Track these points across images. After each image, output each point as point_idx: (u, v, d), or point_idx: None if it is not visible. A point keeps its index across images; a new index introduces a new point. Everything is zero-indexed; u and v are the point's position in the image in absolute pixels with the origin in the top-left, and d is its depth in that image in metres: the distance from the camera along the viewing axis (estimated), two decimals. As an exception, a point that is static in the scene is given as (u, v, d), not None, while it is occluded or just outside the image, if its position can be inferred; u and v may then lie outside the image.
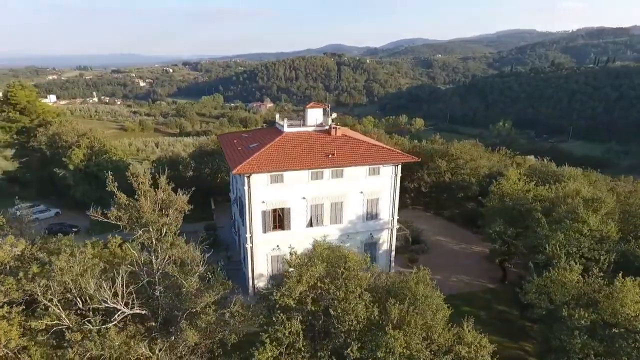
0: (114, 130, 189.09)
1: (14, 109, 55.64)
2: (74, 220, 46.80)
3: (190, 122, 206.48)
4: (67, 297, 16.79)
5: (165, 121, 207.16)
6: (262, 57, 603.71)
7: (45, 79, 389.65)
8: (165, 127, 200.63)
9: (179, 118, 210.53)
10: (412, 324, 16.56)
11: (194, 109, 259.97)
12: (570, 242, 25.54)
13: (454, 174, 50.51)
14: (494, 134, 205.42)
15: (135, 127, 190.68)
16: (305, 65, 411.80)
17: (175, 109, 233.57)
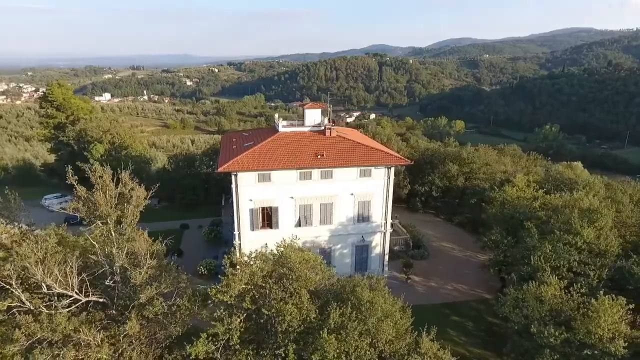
0: (157, 127, 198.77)
1: (51, 105, 60.05)
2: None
3: (228, 121, 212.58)
4: (31, 282, 18.00)
5: (206, 119, 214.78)
6: (306, 58, 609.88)
7: (102, 78, 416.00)
8: (205, 125, 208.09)
9: (219, 117, 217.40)
10: (349, 329, 16.30)
11: (235, 108, 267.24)
12: (558, 254, 23.98)
13: (468, 178, 48.79)
14: (539, 138, 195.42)
15: (177, 125, 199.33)
16: (346, 66, 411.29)
17: (215, 108, 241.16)
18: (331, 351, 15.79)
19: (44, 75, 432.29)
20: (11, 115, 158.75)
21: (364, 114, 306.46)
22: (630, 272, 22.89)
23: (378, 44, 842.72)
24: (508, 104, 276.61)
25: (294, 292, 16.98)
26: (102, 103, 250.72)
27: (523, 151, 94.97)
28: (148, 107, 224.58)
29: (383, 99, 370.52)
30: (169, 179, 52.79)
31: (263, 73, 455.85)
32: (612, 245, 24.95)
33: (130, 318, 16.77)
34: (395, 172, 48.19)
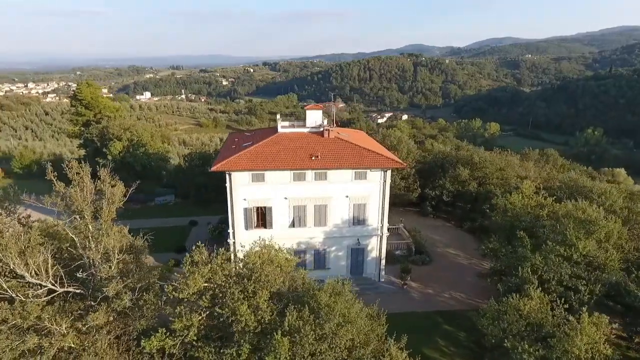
0: (190, 125, 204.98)
1: (80, 104, 63.31)
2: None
3: (259, 120, 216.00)
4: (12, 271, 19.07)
5: (237, 118, 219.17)
6: (341, 58, 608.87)
7: (143, 78, 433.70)
8: (236, 124, 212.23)
9: (250, 116, 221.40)
10: (304, 333, 16.23)
11: (267, 107, 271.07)
12: (549, 266, 22.79)
13: (481, 183, 47.18)
14: (580, 142, 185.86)
15: (209, 123, 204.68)
16: (380, 66, 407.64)
17: (247, 107, 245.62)
18: (283, 353, 15.78)
19: (90, 75, 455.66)
20: (57, 113, 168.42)
21: (396, 115, 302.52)
22: (627, 290, 21.40)
23: (415, 44, 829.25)
24: (549, 105, 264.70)
25: (253, 293, 17.09)
26: (140, 101, 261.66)
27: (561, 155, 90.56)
28: (183, 105, 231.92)
29: (417, 100, 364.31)
30: (183, 176, 54.45)
31: (297, 73, 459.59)
32: (612, 259, 23.42)
33: (97, 310, 17.46)
34: (404, 175, 47.71)
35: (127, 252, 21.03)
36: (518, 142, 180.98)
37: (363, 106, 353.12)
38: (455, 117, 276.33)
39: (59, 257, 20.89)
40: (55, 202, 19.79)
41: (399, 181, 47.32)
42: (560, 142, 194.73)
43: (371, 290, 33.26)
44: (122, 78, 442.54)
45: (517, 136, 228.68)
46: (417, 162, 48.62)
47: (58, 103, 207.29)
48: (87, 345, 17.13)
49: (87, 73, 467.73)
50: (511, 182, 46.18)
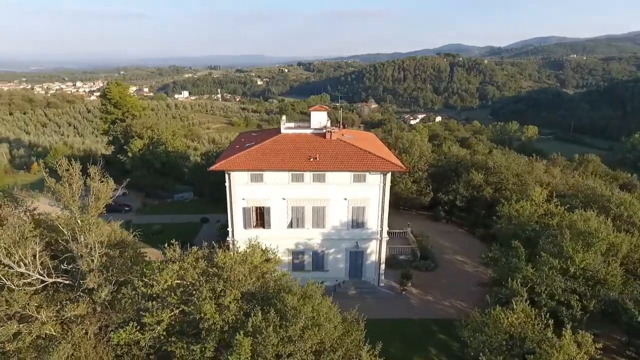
0: (223, 124, 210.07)
1: (109, 102, 66.42)
2: (133, 201, 54.30)
3: (289, 120, 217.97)
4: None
5: (268, 118, 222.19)
6: (376, 58, 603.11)
7: (182, 77, 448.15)
8: (267, 124, 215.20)
9: (281, 115, 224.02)
10: (266, 334, 16.31)
11: (299, 107, 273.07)
12: (541, 279, 21.72)
13: (497, 189, 45.49)
14: (626, 148, 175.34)
15: (241, 122, 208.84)
16: (415, 66, 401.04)
17: (278, 107, 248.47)
18: (243, 354, 15.95)
19: (133, 74, 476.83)
20: (97, 111, 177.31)
21: (429, 116, 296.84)
22: (624, 308, 20.03)
23: (453, 44, 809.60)
24: (594, 108, 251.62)
25: (223, 292, 17.37)
26: (177, 100, 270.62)
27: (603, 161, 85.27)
28: (217, 105, 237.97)
29: (452, 101, 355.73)
30: (200, 174, 55.89)
31: (331, 73, 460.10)
32: (613, 274, 22.00)
33: (77, 301, 18.31)
34: (416, 179, 46.81)
35: (117, 246, 21.88)
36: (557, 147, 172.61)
37: (396, 107, 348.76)
38: (491, 120, 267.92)
39: (54, 249, 22.09)
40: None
41: (410, 184, 46.48)
42: (604, 147, 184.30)
43: (369, 295, 32.95)
44: (163, 77, 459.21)
45: (557, 140, 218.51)
46: (429, 166, 47.51)
47: (100, 101, 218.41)
48: (65, 334, 17.97)
49: (130, 73, 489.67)
50: (529, 188, 44.25)
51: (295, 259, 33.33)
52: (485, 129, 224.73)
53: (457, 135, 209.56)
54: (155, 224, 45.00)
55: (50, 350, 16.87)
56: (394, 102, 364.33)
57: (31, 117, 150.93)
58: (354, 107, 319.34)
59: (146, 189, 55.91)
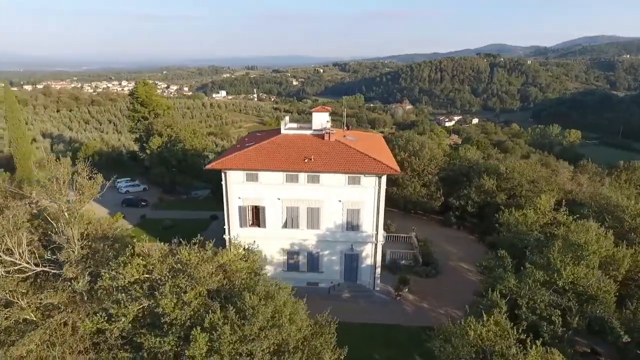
0: (255, 123, 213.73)
1: (136, 101, 69.34)
2: (151, 197, 56.45)
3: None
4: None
5: (299, 118, 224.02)
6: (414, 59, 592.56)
7: (221, 77, 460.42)
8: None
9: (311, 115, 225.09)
10: (221, 331, 16.58)
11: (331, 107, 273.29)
12: (524, 291, 20.71)
13: (511, 196, 43.69)
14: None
15: (272, 122, 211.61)
16: (453, 67, 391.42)
17: (310, 107, 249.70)
18: (197, 348, 16.30)
19: (175, 74, 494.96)
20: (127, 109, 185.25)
21: (465, 118, 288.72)
22: (610, 327, 18.74)
23: (495, 44, 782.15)
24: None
25: (184, 288, 17.80)
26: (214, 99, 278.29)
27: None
28: (250, 104, 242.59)
29: (491, 103, 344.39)
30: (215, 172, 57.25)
31: (366, 74, 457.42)
32: (606, 290, 20.63)
33: (57, 289, 19.37)
34: (426, 182, 45.78)
35: (102, 239, 22.90)
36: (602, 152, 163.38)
37: (431, 108, 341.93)
38: (532, 123, 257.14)
39: (47, 240, 23.41)
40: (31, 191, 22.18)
41: (420, 188, 45.52)
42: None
43: (363, 298, 32.61)
44: (202, 77, 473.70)
45: (603, 145, 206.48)
46: (440, 169, 46.28)
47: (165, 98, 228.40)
48: (44, 320, 19.05)
49: (172, 72, 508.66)
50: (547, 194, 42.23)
51: (290, 259, 33.51)
52: (524, 132, 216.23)
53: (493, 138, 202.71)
54: (166, 219, 46.56)
55: (28, 334, 17.92)
56: (429, 103, 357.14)
57: (75, 114, 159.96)
58: (388, 108, 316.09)
59: (164, 186, 57.93)
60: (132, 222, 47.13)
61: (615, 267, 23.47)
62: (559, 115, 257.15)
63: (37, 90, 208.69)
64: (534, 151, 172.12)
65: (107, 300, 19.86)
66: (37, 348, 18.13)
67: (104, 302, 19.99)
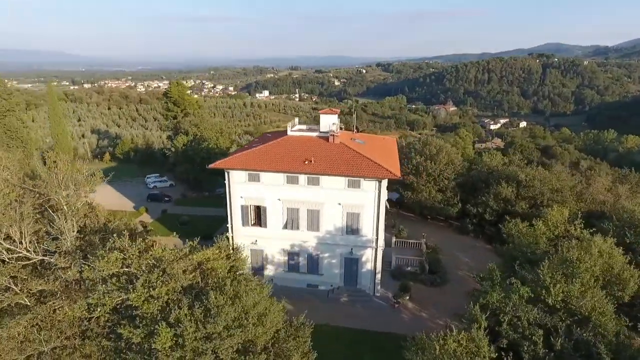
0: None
1: (170, 101, 72.47)
2: (177, 193, 58.77)
3: (358, 121, 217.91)
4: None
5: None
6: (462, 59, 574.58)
7: (265, 77, 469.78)
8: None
9: (349, 116, 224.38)
10: (183, 328, 17.06)
11: (371, 108, 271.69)
12: (508, 307, 19.63)
13: (534, 205, 41.40)
14: None
15: (309, 122, 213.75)
16: (502, 67, 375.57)
17: (349, 108, 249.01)
18: (160, 343, 16.89)
19: (221, 74, 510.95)
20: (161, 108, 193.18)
21: (512, 121, 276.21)
22: (597, 352, 17.33)
23: (551, 43, 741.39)
24: None
25: (156, 283, 18.47)
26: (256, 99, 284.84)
27: None
28: (290, 104, 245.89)
29: (542, 106, 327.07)
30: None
31: (410, 74, 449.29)
32: (600, 312, 19.12)
33: (49, 278, 20.75)
34: (441, 188, 44.43)
35: (99, 232, 24.20)
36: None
37: (477, 110, 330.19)
38: (585, 127, 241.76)
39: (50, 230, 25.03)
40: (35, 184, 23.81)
41: (435, 193, 44.20)
42: None
43: (361, 304, 32.22)
44: (247, 77, 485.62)
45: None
46: (458, 175, 44.63)
47: (197, 98, 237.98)
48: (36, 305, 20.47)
49: (219, 72, 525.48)
50: (570, 205, 39.68)
51: (290, 260, 33.73)
52: (576, 137, 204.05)
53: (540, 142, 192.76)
54: (184, 215, 48.29)
55: (16, 317, 19.34)
56: (474, 105, 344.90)
57: (124, 112, 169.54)
58: (430, 109, 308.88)
59: (190, 182, 60.10)
60: (153, 217, 49.33)
61: (621, 287, 21.71)
62: (617, 120, 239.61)
63: (91, 89, 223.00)
64: (585, 157, 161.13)
65: (90, 290, 21.02)
66: (25, 331, 19.48)
67: (92, 291, 21.17)
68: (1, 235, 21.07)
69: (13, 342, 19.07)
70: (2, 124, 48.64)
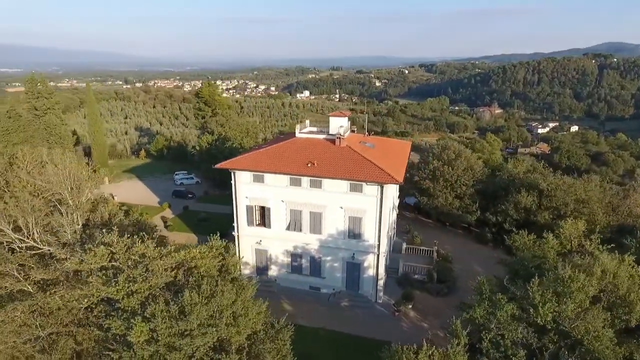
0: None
1: (201, 101, 74.90)
2: (201, 190, 60.63)
3: (396, 123, 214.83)
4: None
5: (374, 119, 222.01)
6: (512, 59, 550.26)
7: (306, 77, 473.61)
8: (372, 125, 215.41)
9: (387, 117, 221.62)
10: (155, 323, 17.65)
11: (411, 110, 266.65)
12: (492, 324, 18.66)
13: (558, 216, 38.99)
14: None
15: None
16: (553, 68, 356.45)
17: (387, 109, 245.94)
18: (134, 336, 17.57)
19: (264, 75, 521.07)
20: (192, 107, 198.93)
21: (563, 125, 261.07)
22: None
23: (612, 42, 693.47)
24: None
25: (136, 278, 19.21)
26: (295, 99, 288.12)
27: None
28: (328, 104, 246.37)
29: (596, 109, 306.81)
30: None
31: (454, 75, 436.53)
32: (595, 336, 17.73)
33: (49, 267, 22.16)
34: (459, 194, 42.93)
35: (101, 226, 25.48)
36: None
37: (524, 113, 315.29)
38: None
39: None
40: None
41: (452, 200, 42.71)
42: None
43: (361, 309, 31.78)
44: (289, 77, 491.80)
45: None
46: (477, 181, 42.82)
47: (228, 97, 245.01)
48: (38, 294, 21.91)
49: (261, 73, 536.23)
50: (598, 218, 37.08)
51: (293, 262, 33.85)
52: (633, 144, 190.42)
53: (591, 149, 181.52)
54: (203, 212, 49.74)
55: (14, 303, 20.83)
56: (522, 107, 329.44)
57: (167, 111, 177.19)
58: (474, 111, 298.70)
59: (215, 180, 61.80)
60: (175, 212, 51.21)
61: (627, 310, 19.99)
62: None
63: (139, 88, 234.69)
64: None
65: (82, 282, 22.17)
66: (23, 316, 20.89)
67: (79, 283, 22.33)
68: (9, 227, 22.64)
69: (11, 326, 20.49)
70: (43, 120, 52.70)
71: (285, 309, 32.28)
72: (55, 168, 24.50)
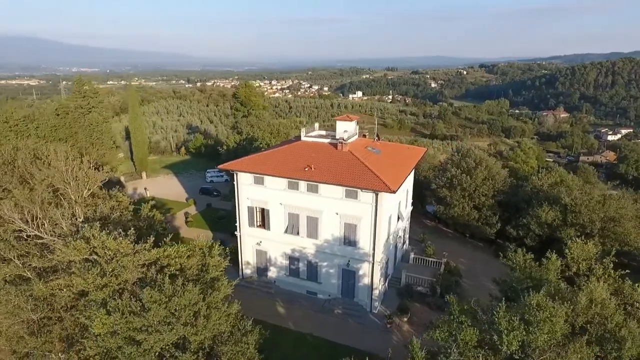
0: (375, 125, 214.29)
1: (237, 101, 77.25)
2: (226, 188, 62.44)
3: (446, 126, 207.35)
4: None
5: (424, 122, 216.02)
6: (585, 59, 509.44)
7: (360, 78, 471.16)
8: (421, 127, 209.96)
9: (438, 120, 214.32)
10: (115, 318, 18.52)
11: (465, 112, 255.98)
12: (451, 349, 17.52)
13: (583, 234, 35.64)
14: None
15: (394, 124, 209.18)
16: (631, 69, 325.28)
17: (439, 111, 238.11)
18: (96, 327, 18.59)
19: (318, 75, 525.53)
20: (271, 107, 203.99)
21: (638, 133, 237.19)
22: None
23: None
24: None
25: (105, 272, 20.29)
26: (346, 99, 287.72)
27: None
28: (377, 105, 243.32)
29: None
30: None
31: (517, 76, 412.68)
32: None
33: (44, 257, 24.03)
34: (477, 205, 40.68)
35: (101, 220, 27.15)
36: None
37: (593, 118, 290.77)
38: None
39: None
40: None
41: (470, 210, 40.49)
42: None
43: (354, 318, 31.15)
44: (343, 78, 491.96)
45: None
46: (498, 192, 40.17)
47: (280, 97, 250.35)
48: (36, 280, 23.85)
49: (316, 73, 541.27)
50: (631, 239, 33.45)
51: (291, 265, 33.90)
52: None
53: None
54: (223, 210, 51.24)
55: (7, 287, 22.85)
56: (591, 112, 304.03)
57: (219, 109, 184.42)
58: (536, 115, 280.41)
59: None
60: (198, 209, 53.26)
61: (616, 347, 17.88)
62: None
63: (195, 87, 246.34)
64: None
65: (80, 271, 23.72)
66: (18, 300, 22.80)
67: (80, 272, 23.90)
68: (17, 216, 24.79)
69: (5, 307, 22.46)
70: (87, 118, 57.19)
71: (278, 312, 32.45)
72: (57, 163, 26.54)
